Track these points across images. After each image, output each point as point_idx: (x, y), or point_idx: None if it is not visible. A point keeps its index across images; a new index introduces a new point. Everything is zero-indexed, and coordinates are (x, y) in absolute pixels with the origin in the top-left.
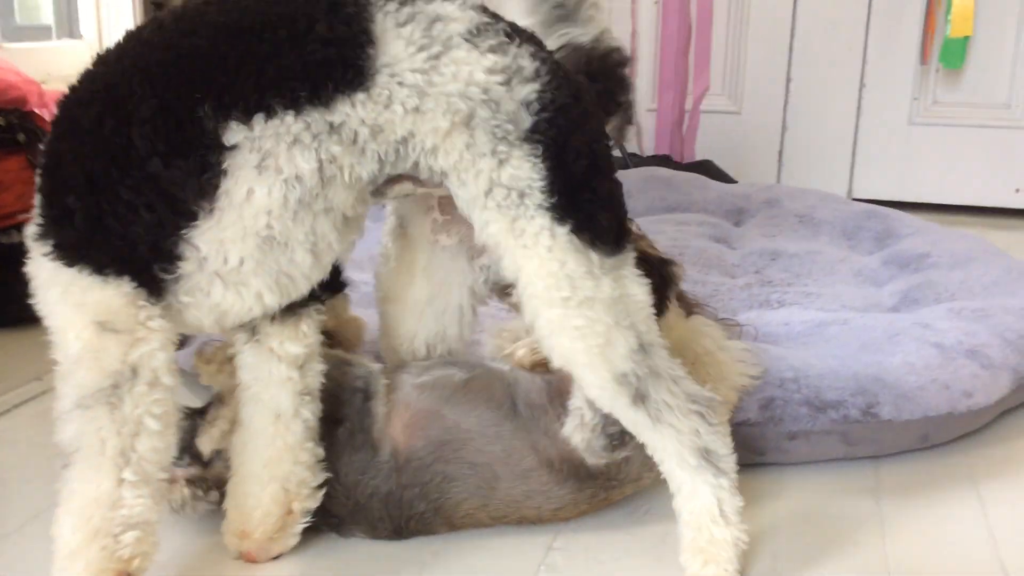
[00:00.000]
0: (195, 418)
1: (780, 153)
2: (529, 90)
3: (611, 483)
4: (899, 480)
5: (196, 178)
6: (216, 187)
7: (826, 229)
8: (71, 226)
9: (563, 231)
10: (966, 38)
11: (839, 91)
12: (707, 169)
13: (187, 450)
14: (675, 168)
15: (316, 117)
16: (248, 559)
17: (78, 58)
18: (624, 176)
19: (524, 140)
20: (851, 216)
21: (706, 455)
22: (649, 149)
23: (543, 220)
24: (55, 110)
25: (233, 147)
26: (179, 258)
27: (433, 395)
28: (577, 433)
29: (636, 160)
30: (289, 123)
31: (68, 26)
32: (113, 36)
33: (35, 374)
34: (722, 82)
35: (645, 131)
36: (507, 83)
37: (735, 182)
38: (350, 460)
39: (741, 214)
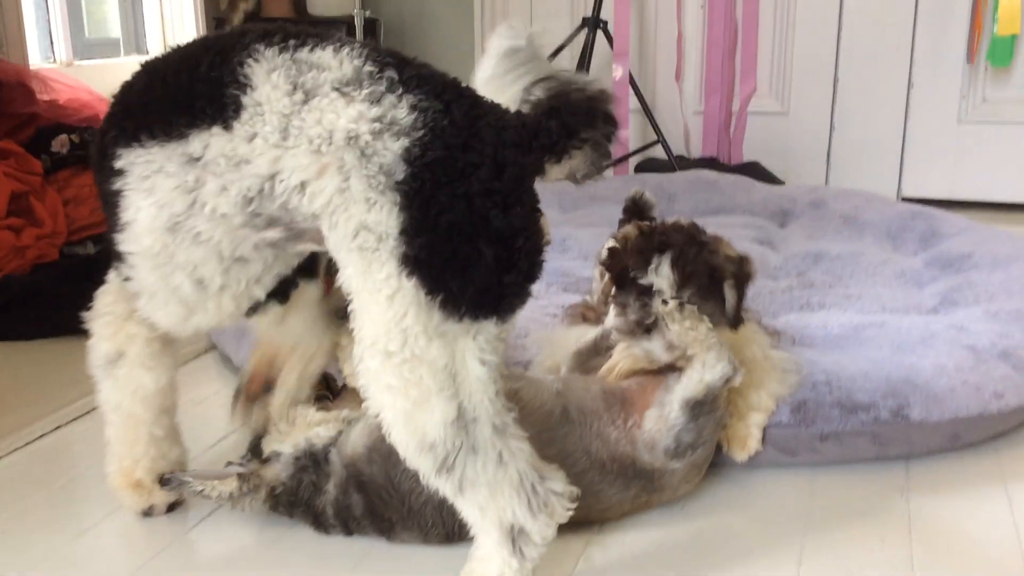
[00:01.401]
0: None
1: (828, 153)
2: (402, 142)
3: (653, 487)
4: (929, 479)
5: (110, 197)
6: (118, 205)
7: (871, 230)
8: None
9: (409, 283)
10: (1013, 36)
11: (887, 91)
12: (755, 171)
13: (251, 449)
14: (722, 170)
15: (176, 146)
16: None
17: None
18: (669, 179)
19: (392, 189)
20: (896, 217)
21: (514, 533)
22: (696, 151)
23: (391, 267)
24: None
25: (121, 171)
26: (125, 264)
27: None
28: (653, 424)
29: (683, 163)
30: (157, 151)
31: (135, 41)
32: None
33: None
34: (769, 83)
35: (692, 134)
36: (379, 133)
37: (783, 183)
38: (406, 468)
39: (786, 216)
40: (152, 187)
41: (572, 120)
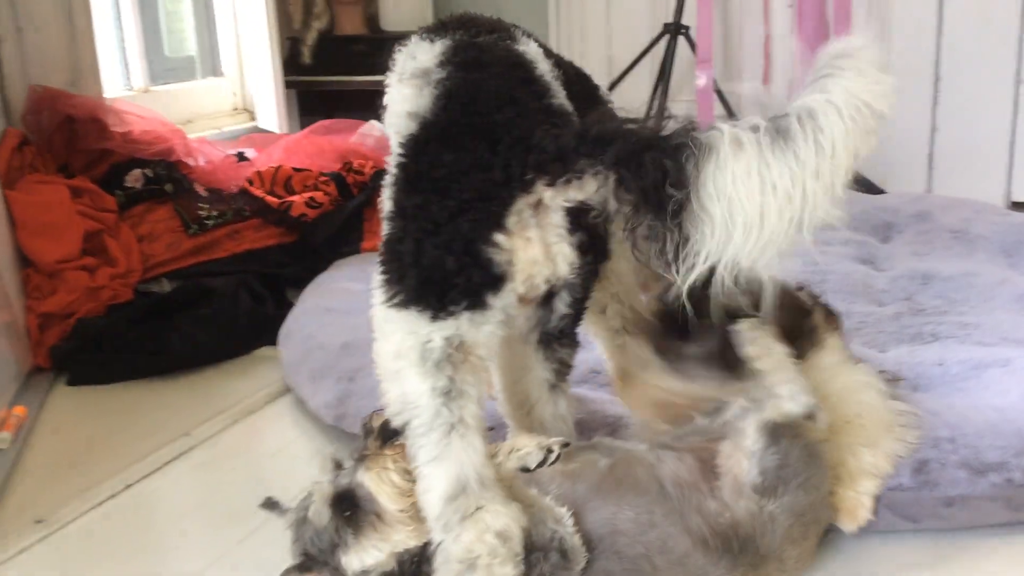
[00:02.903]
0: None
1: (930, 157)
2: None
3: (756, 559)
4: None
5: None
6: None
7: (983, 245)
8: None
9: None
10: None
11: (992, 88)
12: (851, 178)
13: None
14: None
15: None
16: None
17: (221, 97)
18: None
19: None
20: (1011, 229)
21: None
22: None
23: None
24: None
25: None
26: None
27: (582, 486)
28: (728, 460)
29: None
30: None
31: (211, 62)
32: (253, 73)
33: (183, 429)
34: None
35: None
36: None
37: (882, 191)
38: None
39: (889, 229)
40: None
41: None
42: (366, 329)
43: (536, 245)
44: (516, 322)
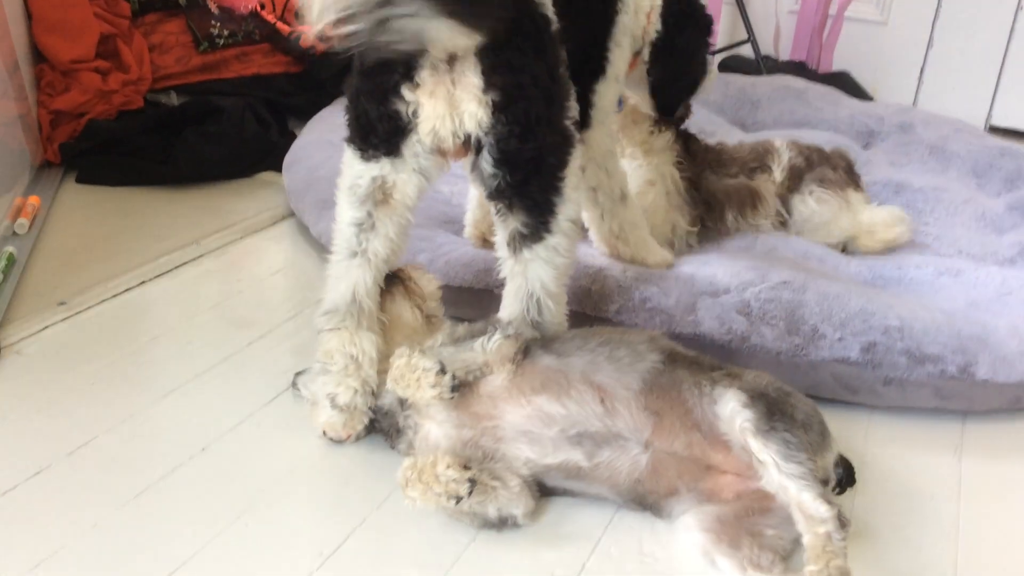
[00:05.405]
0: None
1: (922, 69)
2: None
3: None
4: (983, 440)
5: None
6: None
7: (956, 163)
8: None
9: None
10: None
11: (993, 9)
12: (843, 81)
13: None
14: (810, 77)
15: None
16: None
17: None
18: (754, 84)
19: None
20: (984, 152)
21: None
22: (786, 53)
23: None
24: None
25: None
26: None
27: None
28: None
29: (770, 64)
30: None
31: None
32: None
33: (192, 238)
34: None
35: (784, 34)
36: None
37: (871, 99)
38: None
39: (872, 136)
40: None
41: None
42: None
43: (441, 100)
44: (431, 173)
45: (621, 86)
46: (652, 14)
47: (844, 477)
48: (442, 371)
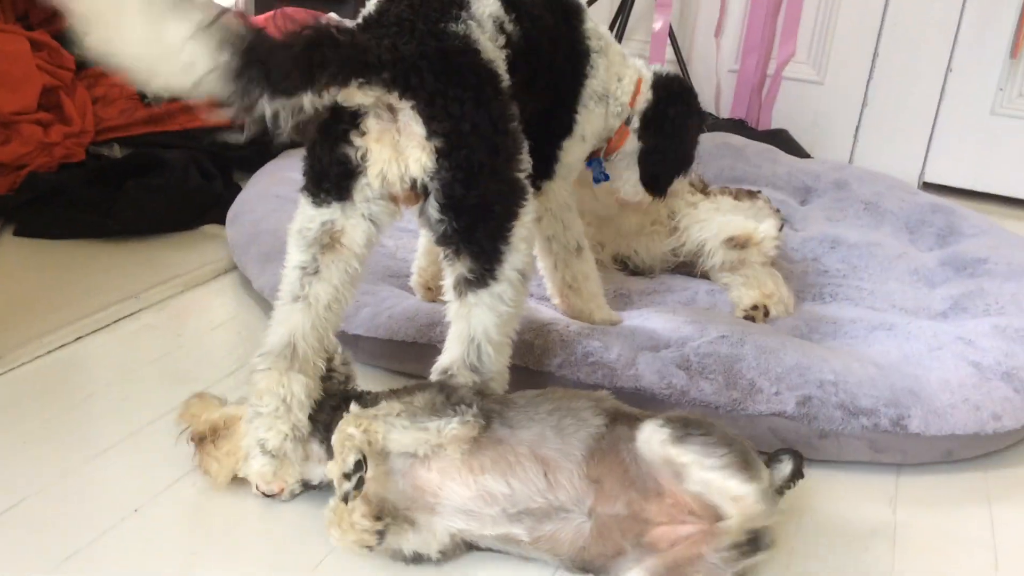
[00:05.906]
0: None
1: (857, 129)
2: None
3: None
4: (917, 492)
5: None
6: None
7: (890, 219)
8: None
9: None
10: None
11: (924, 73)
12: (781, 139)
13: None
14: (749, 135)
15: None
16: None
17: None
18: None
19: None
20: (916, 209)
21: None
22: (726, 111)
23: None
24: None
25: None
26: None
27: None
28: None
29: (711, 122)
30: None
31: None
32: None
33: (131, 292)
34: (808, 50)
35: (724, 92)
36: None
37: (808, 156)
38: None
39: (808, 192)
40: None
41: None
42: None
43: (387, 146)
44: (382, 219)
45: (589, 145)
46: (642, 84)
47: (794, 469)
48: (380, 533)
